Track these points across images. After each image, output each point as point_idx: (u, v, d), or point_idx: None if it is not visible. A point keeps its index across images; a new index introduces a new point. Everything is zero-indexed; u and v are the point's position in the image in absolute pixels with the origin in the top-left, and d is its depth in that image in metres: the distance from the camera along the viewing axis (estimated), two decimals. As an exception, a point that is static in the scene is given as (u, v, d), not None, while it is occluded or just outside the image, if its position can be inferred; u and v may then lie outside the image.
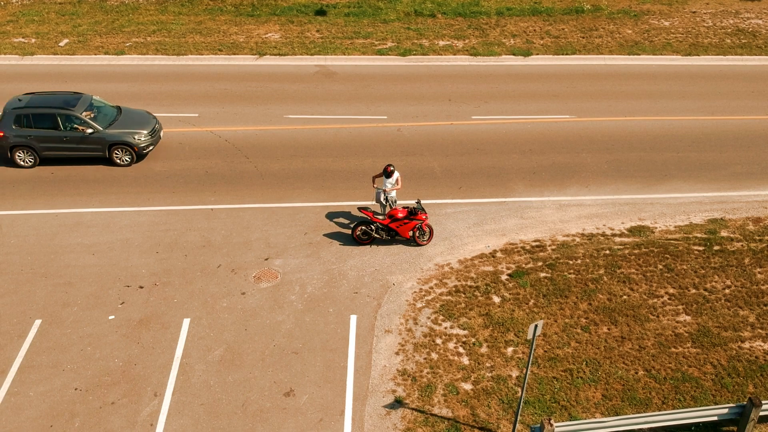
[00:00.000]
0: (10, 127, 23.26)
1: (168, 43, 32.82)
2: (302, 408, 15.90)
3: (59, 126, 23.29)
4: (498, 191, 23.21)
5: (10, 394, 16.07)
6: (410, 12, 36.49)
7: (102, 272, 19.52)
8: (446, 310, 18.48)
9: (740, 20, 36.59)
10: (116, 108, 24.86)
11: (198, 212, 21.97)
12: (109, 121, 23.92)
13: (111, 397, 16.04)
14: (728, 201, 23.05)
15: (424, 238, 20.67)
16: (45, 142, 23.40)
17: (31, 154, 23.63)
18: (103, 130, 23.50)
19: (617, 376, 16.80)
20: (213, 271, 19.67)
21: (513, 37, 34.19)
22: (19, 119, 23.25)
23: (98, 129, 23.47)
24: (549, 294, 19.10)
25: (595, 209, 22.51)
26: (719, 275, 19.88)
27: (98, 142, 23.56)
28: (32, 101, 23.67)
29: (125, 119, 24.25)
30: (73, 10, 36.31)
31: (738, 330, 18.12)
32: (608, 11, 37.28)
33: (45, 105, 23.45)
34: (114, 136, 23.57)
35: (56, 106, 23.39)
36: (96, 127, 23.46)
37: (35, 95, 24.18)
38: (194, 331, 17.74)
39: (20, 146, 23.46)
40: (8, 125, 23.28)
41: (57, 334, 17.58)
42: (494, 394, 16.29)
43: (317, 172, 23.99)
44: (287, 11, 36.44)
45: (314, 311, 18.41)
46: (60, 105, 23.48)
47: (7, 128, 23.28)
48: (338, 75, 30.58)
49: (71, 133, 23.33)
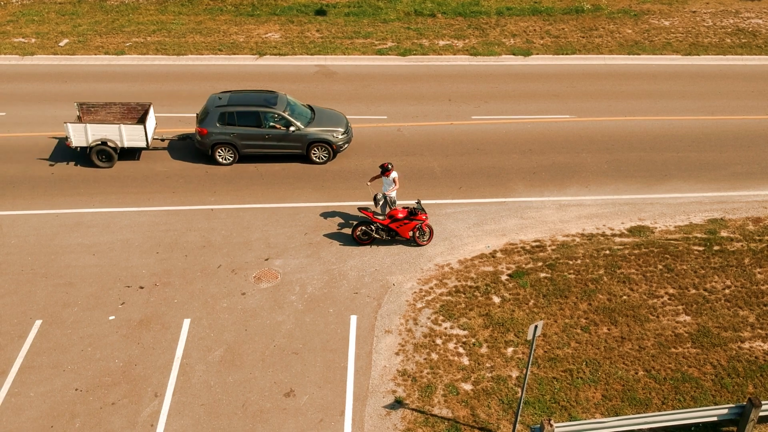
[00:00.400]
0: (214, 124, 23.56)
1: (168, 43, 32.83)
2: (302, 408, 15.92)
3: (262, 124, 23.64)
4: (498, 191, 23.23)
5: (11, 395, 16.09)
6: (410, 12, 36.49)
7: (102, 272, 19.54)
8: (446, 311, 18.50)
9: (740, 20, 36.59)
10: (308, 107, 25.24)
11: (198, 212, 21.99)
12: (307, 120, 24.28)
13: (111, 398, 16.06)
14: (728, 201, 23.06)
15: (424, 239, 20.68)
16: (247, 140, 23.71)
17: (231, 151, 23.93)
18: (304, 128, 23.84)
19: (617, 376, 16.82)
20: (213, 271, 19.69)
21: (513, 37, 34.20)
22: (223, 117, 23.56)
23: (300, 127, 23.82)
24: (549, 294, 19.12)
25: (595, 209, 22.53)
26: (719, 275, 19.89)
27: (299, 140, 23.90)
28: (233, 99, 24.05)
29: (321, 118, 24.64)
30: (73, 10, 36.31)
31: (738, 330, 18.14)
32: (608, 11, 37.27)
33: (248, 103, 23.82)
34: (314, 134, 23.93)
35: (259, 105, 23.76)
36: (298, 125, 23.80)
37: (233, 93, 24.52)
38: (194, 332, 17.76)
39: (222, 143, 23.75)
40: (212, 123, 23.58)
41: (57, 335, 17.59)
42: (494, 394, 16.31)
43: (317, 172, 24.01)
44: (287, 11, 36.43)
45: (314, 311, 18.43)
46: (262, 103, 23.87)
47: (211, 126, 23.56)
48: (338, 75, 30.58)
49: (273, 130, 23.69)
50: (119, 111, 24.64)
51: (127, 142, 23.59)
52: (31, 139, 25.39)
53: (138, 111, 24.64)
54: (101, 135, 23.38)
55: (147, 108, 24.47)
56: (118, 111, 24.64)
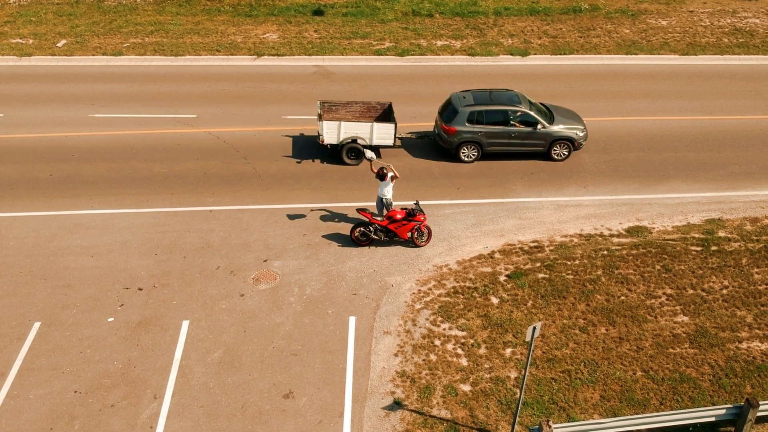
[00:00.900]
0: (463, 123, 23.96)
1: (166, 43, 32.81)
2: (301, 410, 15.94)
3: (509, 122, 23.99)
4: (496, 192, 23.26)
5: (10, 397, 16.10)
6: (408, 12, 36.50)
7: (101, 274, 19.55)
8: (445, 312, 18.53)
9: (737, 19, 36.64)
10: (543, 105, 25.52)
11: (197, 214, 22.00)
12: (548, 118, 24.57)
13: (111, 400, 16.07)
14: (726, 201, 23.11)
15: (422, 239, 20.71)
16: (493, 138, 24.17)
17: (475, 149, 24.36)
18: (549, 127, 24.14)
19: (615, 376, 16.86)
20: (212, 272, 19.70)
21: (511, 37, 34.22)
22: (472, 116, 23.95)
23: (545, 125, 24.12)
24: (547, 295, 19.15)
25: (593, 210, 22.57)
26: (717, 275, 19.94)
27: (544, 138, 24.28)
28: (478, 98, 24.43)
29: (560, 115, 24.95)
30: (71, 11, 36.28)
31: (735, 330, 18.19)
32: (606, 11, 37.31)
33: (497, 102, 24.24)
34: (558, 132, 24.32)
35: (507, 103, 24.18)
36: (544, 123, 24.11)
37: (474, 92, 24.89)
38: (193, 333, 17.78)
39: (468, 142, 24.13)
40: (461, 122, 23.97)
41: (56, 337, 17.60)
42: (493, 395, 16.34)
43: (316, 173, 24.02)
44: (285, 11, 36.43)
45: (313, 313, 18.45)
46: (509, 102, 24.27)
47: (460, 125, 23.97)
48: (336, 75, 30.59)
49: (519, 129, 24.04)
50: (358, 110, 25.24)
51: (375, 140, 23.99)
52: (30, 140, 25.38)
53: (377, 110, 25.19)
54: (352, 133, 23.84)
55: (386, 107, 25.02)
56: (358, 110, 25.24)
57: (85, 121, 26.66)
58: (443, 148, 24.71)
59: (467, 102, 24.28)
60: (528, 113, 24.06)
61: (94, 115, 27.08)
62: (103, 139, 25.56)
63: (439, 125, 24.59)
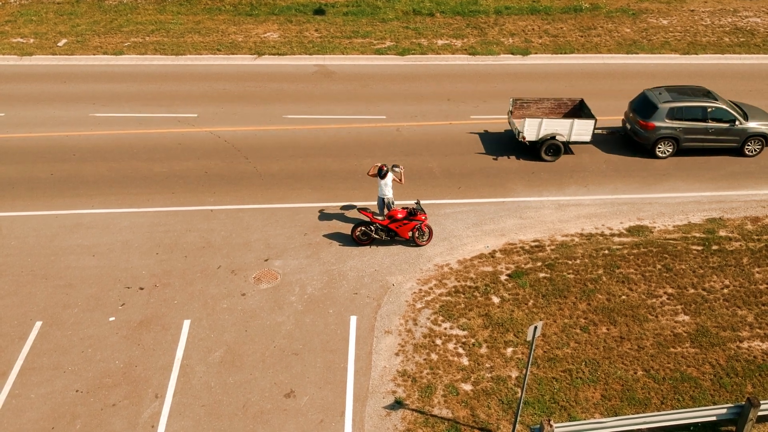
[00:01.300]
0: (663, 119, 24.37)
1: (166, 42, 32.82)
2: (303, 409, 15.96)
3: (707, 118, 24.39)
4: (497, 191, 23.26)
5: (12, 396, 16.11)
6: (409, 11, 36.50)
7: (102, 274, 19.56)
8: (446, 311, 18.54)
9: (738, 18, 36.63)
10: (730, 101, 25.75)
11: (197, 213, 22.01)
12: (741, 114, 24.86)
13: (112, 399, 16.09)
14: (726, 200, 23.11)
15: (423, 239, 20.72)
16: (690, 134, 24.56)
17: (671, 145, 24.74)
18: (745, 123, 24.46)
19: (616, 376, 16.87)
20: (213, 272, 19.71)
21: (511, 36, 34.22)
22: (672, 112, 24.35)
23: (742, 121, 24.40)
24: (548, 294, 19.16)
25: (593, 209, 22.57)
26: (718, 275, 19.94)
27: (739, 134, 24.66)
28: (674, 95, 24.76)
29: (752, 112, 25.28)
30: (72, 10, 36.29)
31: (736, 330, 18.19)
32: (606, 10, 37.30)
33: (696, 98, 24.59)
34: (754, 128, 24.68)
35: (705, 100, 24.54)
36: (740, 119, 24.43)
37: (668, 89, 25.14)
38: (195, 333, 17.79)
39: (666, 138, 24.54)
40: (661, 118, 24.37)
41: (58, 336, 17.61)
42: (494, 394, 16.35)
43: (316, 172, 24.03)
44: (286, 10, 36.43)
45: (314, 312, 18.46)
46: (706, 98, 24.62)
47: (660, 121, 24.37)
48: (337, 75, 30.60)
49: (717, 125, 24.46)
50: (549, 106, 25.44)
51: (574, 137, 24.19)
52: (30, 139, 25.40)
53: (567, 106, 25.43)
54: (552, 129, 24.04)
55: (576, 102, 25.26)
56: (548, 106, 25.43)
57: (85, 121, 26.68)
58: (637, 143, 25.09)
59: (665, 98, 24.62)
60: (725, 110, 24.47)
61: (95, 115, 27.10)
62: (103, 139, 25.58)
63: (634, 121, 24.88)
